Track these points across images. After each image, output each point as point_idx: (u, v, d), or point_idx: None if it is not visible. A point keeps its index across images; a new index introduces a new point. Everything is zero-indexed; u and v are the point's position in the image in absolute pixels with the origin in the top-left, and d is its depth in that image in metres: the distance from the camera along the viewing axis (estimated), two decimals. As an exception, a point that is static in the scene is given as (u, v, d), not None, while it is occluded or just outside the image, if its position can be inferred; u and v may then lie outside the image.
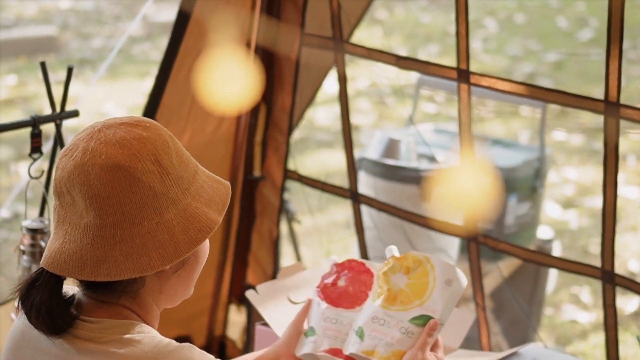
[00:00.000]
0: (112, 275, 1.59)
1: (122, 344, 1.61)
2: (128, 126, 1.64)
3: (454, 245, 3.94)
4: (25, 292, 1.65)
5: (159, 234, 1.61)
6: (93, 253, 1.59)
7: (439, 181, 3.70)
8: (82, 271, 1.60)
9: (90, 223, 1.60)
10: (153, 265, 1.60)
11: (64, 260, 1.61)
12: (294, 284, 2.50)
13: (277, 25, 3.33)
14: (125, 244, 1.59)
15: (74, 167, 1.61)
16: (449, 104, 7.23)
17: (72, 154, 1.62)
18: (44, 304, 1.62)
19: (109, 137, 1.62)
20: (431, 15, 9.93)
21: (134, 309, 1.69)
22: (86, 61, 8.20)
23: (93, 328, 1.63)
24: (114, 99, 7.51)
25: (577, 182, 6.40)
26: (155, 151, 1.63)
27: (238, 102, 3.24)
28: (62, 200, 1.63)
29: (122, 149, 1.60)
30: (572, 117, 7.13)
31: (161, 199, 1.61)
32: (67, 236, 1.62)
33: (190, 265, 1.72)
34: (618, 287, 2.72)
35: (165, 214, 1.62)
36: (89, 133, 1.64)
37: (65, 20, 9.42)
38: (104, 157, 1.60)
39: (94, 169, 1.59)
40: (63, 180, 1.62)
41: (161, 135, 1.66)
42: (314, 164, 6.29)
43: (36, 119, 2.49)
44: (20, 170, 6.12)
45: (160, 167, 1.62)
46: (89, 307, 1.68)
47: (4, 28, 8.97)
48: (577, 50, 8.80)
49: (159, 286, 1.70)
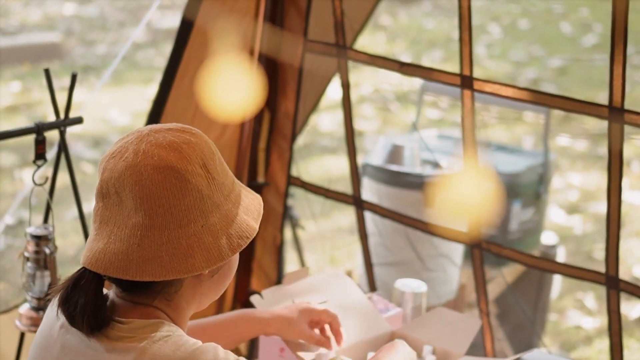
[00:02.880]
0: (156, 276, 1.61)
1: (151, 342, 1.62)
2: (175, 131, 1.68)
3: (457, 251, 3.94)
4: (69, 293, 1.66)
5: (204, 237, 1.64)
6: (140, 253, 1.61)
7: (442, 187, 3.69)
8: (127, 271, 1.61)
9: (139, 223, 1.62)
10: (197, 267, 1.63)
11: (109, 260, 1.63)
12: (299, 290, 2.50)
13: (281, 32, 3.33)
14: (171, 244, 1.62)
15: (125, 168, 1.63)
16: (452, 109, 7.23)
17: (122, 156, 1.64)
18: (89, 304, 1.64)
19: (159, 140, 1.65)
20: (435, 21, 9.94)
21: (166, 311, 1.71)
22: (90, 68, 8.21)
23: (123, 328, 1.65)
24: (118, 105, 7.51)
25: (581, 188, 6.40)
26: (203, 156, 1.67)
27: (242, 109, 3.25)
28: (106, 202, 1.65)
29: (174, 152, 1.64)
30: (576, 123, 7.13)
31: (207, 203, 1.65)
32: (113, 236, 1.64)
33: (224, 271, 1.75)
34: (622, 293, 2.72)
35: (210, 218, 1.65)
36: (137, 137, 1.67)
37: (69, 26, 9.43)
38: (156, 158, 1.62)
39: (146, 169, 1.61)
40: (112, 180, 1.63)
41: (207, 142, 1.70)
42: (318, 170, 6.29)
43: (40, 125, 2.49)
44: (24, 177, 6.12)
45: (207, 172, 1.66)
46: (122, 308, 1.70)
47: (8, 34, 8.99)
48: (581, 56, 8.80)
49: (194, 289, 1.73)
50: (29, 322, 2.54)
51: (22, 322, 2.55)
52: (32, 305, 2.54)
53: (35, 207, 2.61)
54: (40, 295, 2.52)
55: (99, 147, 6.80)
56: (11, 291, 4.70)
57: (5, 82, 7.94)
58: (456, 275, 3.96)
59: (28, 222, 2.56)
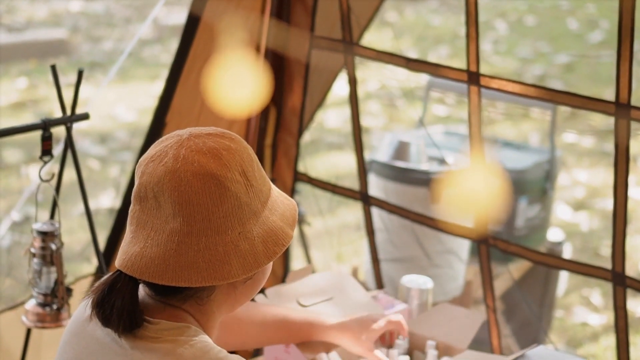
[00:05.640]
0: (192, 282, 1.61)
1: (176, 345, 1.62)
2: (215, 137, 1.66)
3: (464, 247, 3.94)
4: (105, 296, 1.66)
5: (241, 244, 1.63)
6: (177, 259, 1.61)
7: (449, 183, 3.69)
8: (163, 276, 1.61)
9: (177, 229, 1.61)
10: (233, 274, 1.62)
11: (145, 264, 1.62)
12: (303, 288, 2.50)
13: (287, 28, 3.33)
14: (208, 251, 1.61)
15: (165, 173, 1.61)
16: (459, 106, 7.23)
17: (162, 160, 1.63)
18: (126, 307, 1.64)
19: (199, 145, 1.64)
20: (441, 18, 9.93)
21: (196, 316, 1.70)
22: (96, 64, 8.22)
23: (150, 328, 1.65)
24: (124, 101, 7.52)
25: (587, 184, 6.39)
26: (242, 162, 1.65)
27: (248, 105, 3.24)
28: (144, 205, 1.64)
29: (214, 158, 1.62)
30: (582, 119, 7.12)
31: (245, 210, 1.64)
32: (150, 240, 1.63)
33: (258, 277, 1.74)
34: (629, 289, 2.72)
35: (247, 225, 1.64)
36: (177, 141, 1.65)
37: (75, 23, 9.44)
38: (196, 164, 1.61)
39: (186, 175, 1.60)
40: (151, 185, 1.62)
41: (246, 148, 1.69)
42: (324, 166, 6.29)
43: (47, 122, 2.49)
44: (30, 173, 6.14)
45: (245, 179, 1.65)
46: (152, 308, 1.69)
47: (14, 31, 9.00)
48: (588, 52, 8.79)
49: (227, 295, 1.72)
50: (35, 318, 2.54)
51: (29, 318, 2.55)
52: (39, 302, 2.54)
53: (41, 203, 2.61)
54: (47, 291, 2.52)
55: (105, 143, 6.81)
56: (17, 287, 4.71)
57: (12, 78, 7.95)
58: (462, 271, 3.96)
59: (34, 219, 2.56)
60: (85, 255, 4.91)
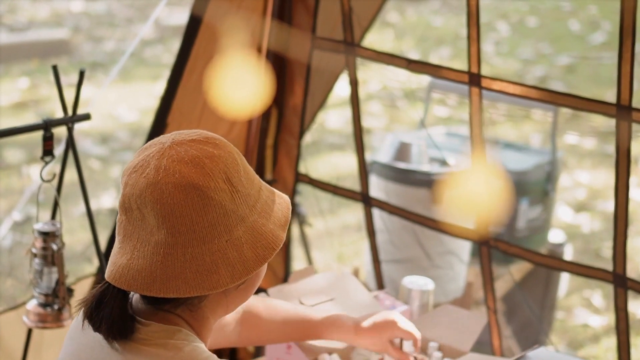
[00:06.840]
0: (180, 292, 1.60)
1: (166, 348, 1.62)
2: (198, 143, 1.64)
3: (465, 248, 3.93)
4: (94, 309, 1.65)
5: (229, 252, 1.61)
6: (164, 270, 1.59)
7: (450, 184, 3.69)
8: (150, 287, 1.60)
9: (162, 240, 1.59)
10: (222, 282, 1.61)
11: (132, 276, 1.61)
12: (305, 288, 2.50)
13: (289, 29, 3.33)
14: (195, 261, 1.59)
15: (146, 185, 1.60)
16: (460, 107, 7.23)
17: (144, 171, 1.61)
18: (116, 320, 1.63)
19: (180, 154, 1.61)
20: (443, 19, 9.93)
21: (189, 321, 1.70)
22: (98, 64, 8.22)
23: (142, 330, 1.65)
24: (125, 102, 7.52)
25: (589, 186, 6.39)
26: (226, 169, 1.63)
27: (249, 106, 3.24)
28: (129, 216, 1.63)
29: (195, 168, 1.60)
30: (584, 121, 7.13)
31: (231, 217, 1.61)
32: (136, 252, 1.62)
33: (251, 280, 1.73)
34: (630, 291, 2.72)
35: (234, 232, 1.62)
36: (159, 150, 1.63)
37: (77, 23, 9.45)
38: (177, 175, 1.59)
39: (167, 187, 1.59)
40: (134, 197, 1.61)
41: (230, 153, 1.66)
42: (325, 167, 6.30)
43: (48, 122, 2.50)
44: (32, 173, 6.14)
45: (230, 186, 1.62)
46: (144, 312, 1.69)
47: (16, 31, 9.00)
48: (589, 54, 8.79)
49: (219, 301, 1.71)
50: (36, 319, 2.54)
51: (30, 318, 2.55)
52: (40, 302, 2.54)
53: (42, 203, 2.61)
54: (48, 291, 2.52)
55: (106, 143, 6.81)
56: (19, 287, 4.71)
57: (14, 78, 7.96)
58: (463, 272, 3.96)
59: (36, 219, 2.57)
60: (87, 256, 4.91)
